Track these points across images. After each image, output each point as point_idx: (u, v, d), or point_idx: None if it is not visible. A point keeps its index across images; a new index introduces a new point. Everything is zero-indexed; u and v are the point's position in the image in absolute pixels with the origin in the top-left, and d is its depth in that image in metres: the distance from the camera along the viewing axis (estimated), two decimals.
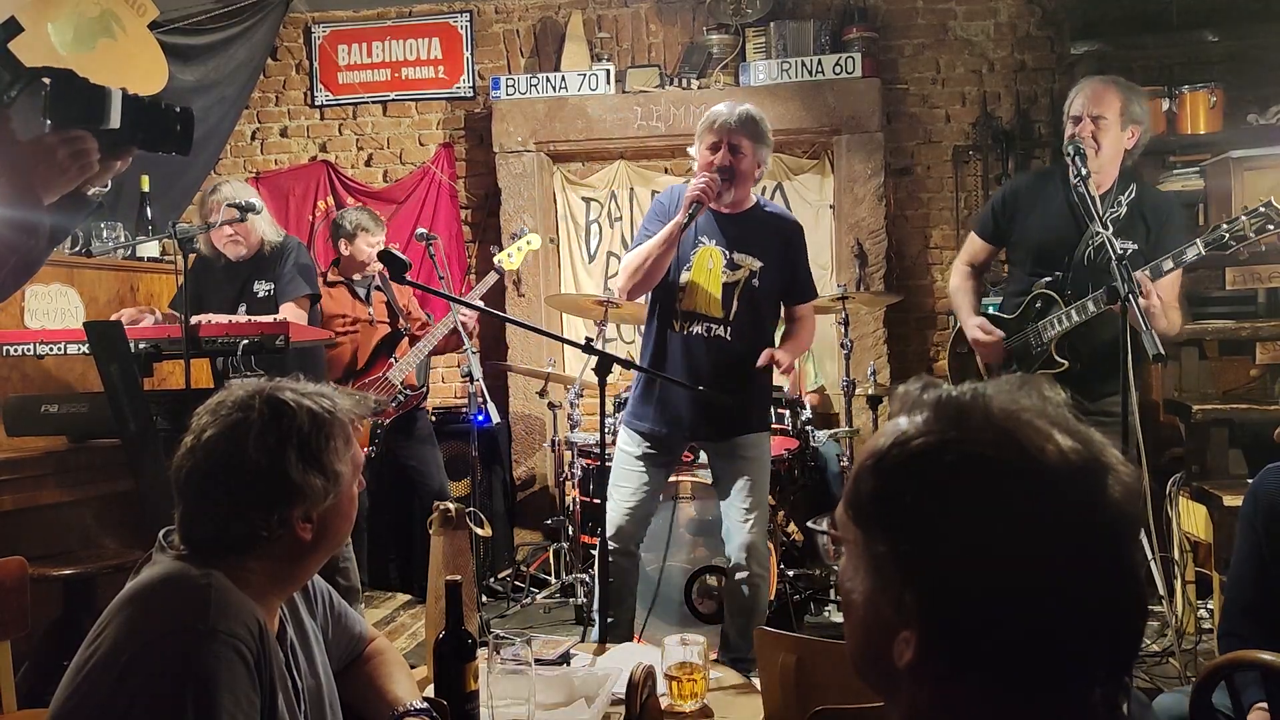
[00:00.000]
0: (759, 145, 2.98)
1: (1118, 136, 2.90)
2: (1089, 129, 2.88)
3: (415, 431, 4.36)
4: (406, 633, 4.22)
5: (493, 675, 1.79)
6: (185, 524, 1.40)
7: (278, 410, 1.40)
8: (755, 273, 3.03)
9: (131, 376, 2.93)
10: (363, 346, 4.28)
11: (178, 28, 4.90)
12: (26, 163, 1.43)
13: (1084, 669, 0.77)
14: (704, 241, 3.04)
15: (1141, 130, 2.93)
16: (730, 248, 3.04)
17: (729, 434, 3.09)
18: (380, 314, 4.37)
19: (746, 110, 2.97)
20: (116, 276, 4.00)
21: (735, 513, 3.09)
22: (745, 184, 3.03)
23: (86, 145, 1.46)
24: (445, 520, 2.16)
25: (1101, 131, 2.87)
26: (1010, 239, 3.15)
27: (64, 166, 1.45)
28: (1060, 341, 2.97)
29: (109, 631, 1.29)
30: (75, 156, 1.45)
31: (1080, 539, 0.76)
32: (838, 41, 5.14)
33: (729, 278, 3.03)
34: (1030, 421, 0.78)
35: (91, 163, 1.47)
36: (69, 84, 1.46)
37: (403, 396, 4.22)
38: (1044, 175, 3.16)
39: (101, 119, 1.47)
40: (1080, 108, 2.92)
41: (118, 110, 1.48)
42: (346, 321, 4.31)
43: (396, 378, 4.21)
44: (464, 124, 5.59)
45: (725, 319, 3.03)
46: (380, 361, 4.25)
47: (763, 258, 3.04)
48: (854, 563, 0.84)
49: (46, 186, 1.45)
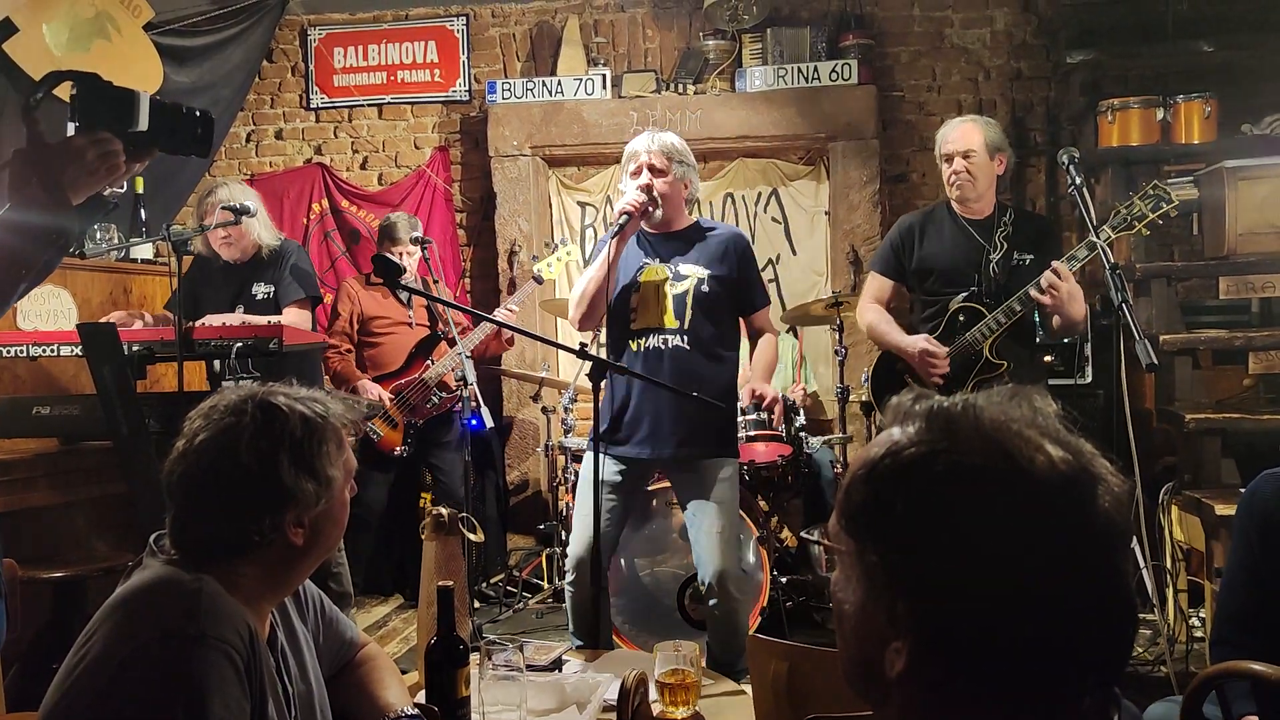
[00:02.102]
0: (681, 166, 3.05)
1: (988, 165, 3.23)
2: (963, 164, 3.21)
3: (447, 437, 4.45)
4: (398, 637, 4.21)
5: (484, 681, 1.79)
6: (176, 528, 1.39)
7: (270, 415, 1.40)
8: (703, 279, 3.05)
9: (124, 379, 2.92)
10: (401, 348, 4.38)
11: (173, 29, 4.90)
12: (57, 164, 1.44)
13: (1074, 678, 0.77)
14: (647, 262, 3.10)
15: (1008, 157, 3.31)
16: (673, 260, 3.09)
17: (697, 457, 3.04)
18: (420, 317, 4.47)
19: (665, 136, 3.07)
20: (109, 278, 4.00)
21: (706, 540, 3.01)
22: (673, 203, 3.06)
23: (114, 146, 1.48)
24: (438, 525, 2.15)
25: (973, 164, 3.21)
26: (910, 270, 3.38)
27: (93, 168, 1.46)
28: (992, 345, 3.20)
29: (99, 636, 1.28)
30: (104, 158, 1.47)
31: (1070, 549, 0.76)
32: (834, 48, 5.16)
33: (678, 288, 3.06)
34: (1020, 432, 0.79)
35: (119, 164, 1.49)
36: (96, 87, 1.48)
37: (438, 398, 4.30)
38: (928, 211, 3.41)
39: (130, 121, 1.49)
40: (950, 148, 3.24)
41: (146, 112, 1.50)
42: (387, 323, 4.42)
43: (432, 379, 4.29)
44: (460, 128, 5.59)
45: (681, 329, 3.04)
46: (417, 363, 4.34)
47: (708, 265, 3.07)
48: (846, 572, 0.84)
49: (76, 187, 1.47)
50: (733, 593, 3.02)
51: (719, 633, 3.08)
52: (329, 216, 5.57)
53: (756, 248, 5.29)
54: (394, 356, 4.38)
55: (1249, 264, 3.85)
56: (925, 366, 3.20)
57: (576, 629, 3.14)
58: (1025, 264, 3.17)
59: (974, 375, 3.18)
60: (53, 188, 1.44)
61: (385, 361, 4.39)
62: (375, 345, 4.42)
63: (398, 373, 4.34)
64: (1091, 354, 4.41)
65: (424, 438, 4.39)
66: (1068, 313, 3.01)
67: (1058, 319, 3.07)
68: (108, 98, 1.48)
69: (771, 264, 5.35)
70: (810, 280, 5.35)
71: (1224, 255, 3.89)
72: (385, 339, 4.42)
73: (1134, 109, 4.44)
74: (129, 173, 1.53)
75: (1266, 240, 3.84)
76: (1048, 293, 2.98)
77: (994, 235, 3.22)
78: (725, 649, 3.06)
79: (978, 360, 3.19)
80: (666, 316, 3.05)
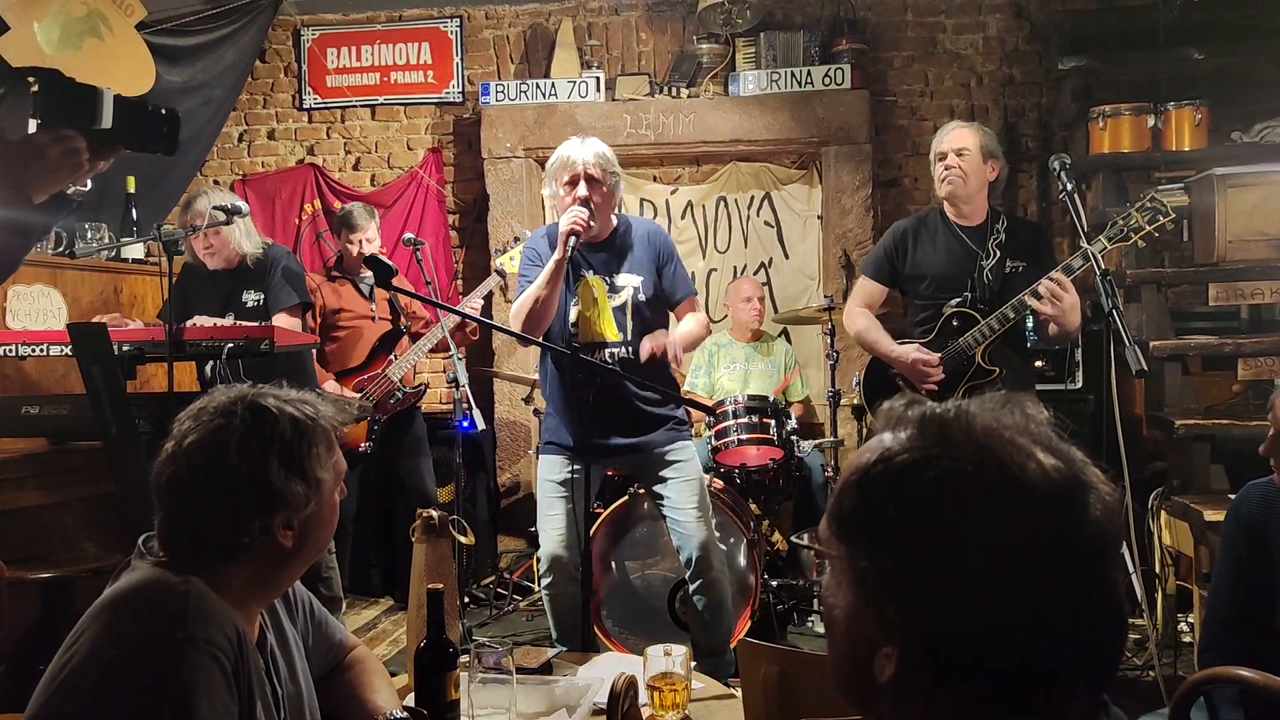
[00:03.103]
0: (614, 176, 3.06)
1: (980, 167, 3.25)
2: (956, 161, 3.23)
3: (409, 433, 4.37)
4: (388, 639, 4.20)
5: (474, 684, 1.79)
6: (165, 530, 1.39)
7: (260, 416, 1.39)
8: (637, 288, 3.10)
9: (114, 379, 2.91)
10: (364, 342, 4.31)
11: (165, 29, 4.87)
12: (18, 161, 1.42)
13: (1063, 685, 0.77)
14: (585, 274, 3.12)
15: (1000, 166, 3.30)
16: (608, 272, 3.11)
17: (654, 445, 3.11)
18: (383, 311, 4.39)
19: (594, 144, 3.06)
20: (100, 278, 3.98)
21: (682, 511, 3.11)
22: (605, 213, 3.08)
23: (78, 144, 1.45)
24: (428, 528, 2.15)
25: (966, 162, 3.22)
26: (903, 276, 3.39)
27: (55, 165, 1.44)
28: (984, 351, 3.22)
29: (86, 637, 1.27)
30: (67, 155, 1.45)
31: (1061, 556, 0.76)
32: (827, 53, 5.17)
33: (616, 300, 3.10)
34: (1013, 439, 0.79)
35: (82, 162, 1.47)
36: (59, 84, 1.46)
37: (401, 394, 4.25)
38: (921, 217, 3.42)
39: (93, 118, 1.46)
40: (945, 146, 3.26)
41: (109, 110, 1.47)
42: (349, 317, 4.34)
43: (396, 375, 4.23)
44: (453, 129, 5.58)
45: (625, 340, 3.09)
46: (380, 358, 4.28)
47: (639, 272, 3.11)
48: (837, 578, 0.84)
49: (38, 185, 1.45)
50: (714, 564, 3.10)
51: (703, 615, 3.14)
52: (321, 217, 5.55)
53: (749, 252, 5.37)
54: (357, 351, 4.30)
55: (1238, 271, 3.87)
56: (920, 376, 3.22)
57: (560, 633, 3.15)
58: (1018, 271, 3.21)
59: (966, 381, 3.21)
60: (13, 185, 1.42)
61: (348, 356, 4.30)
62: (337, 340, 4.32)
63: (360, 368, 4.25)
64: (1082, 359, 4.43)
65: (386, 436, 4.26)
66: (1066, 321, 3.04)
67: (1054, 327, 3.09)
68: (71, 95, 1.46)
69: (764, 267, 5.35)
70: (802, 284, 5.36)
71: (1214, 262, 3.91)
72: (347, 333, 4.32)
73: (1125, 116, 4.46)
74: (93, 170, 1.50)
75: (1256, 247, 3.86)
76: (1049, 302, 3.00)
77: (987, 242, 3.25)
78: (710, 633, 3.13)
79: (970, 366, 3.21)
80: (610, 330, 3.09)
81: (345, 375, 4.24)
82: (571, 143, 3.06)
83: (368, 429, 4.18)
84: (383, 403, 4.22)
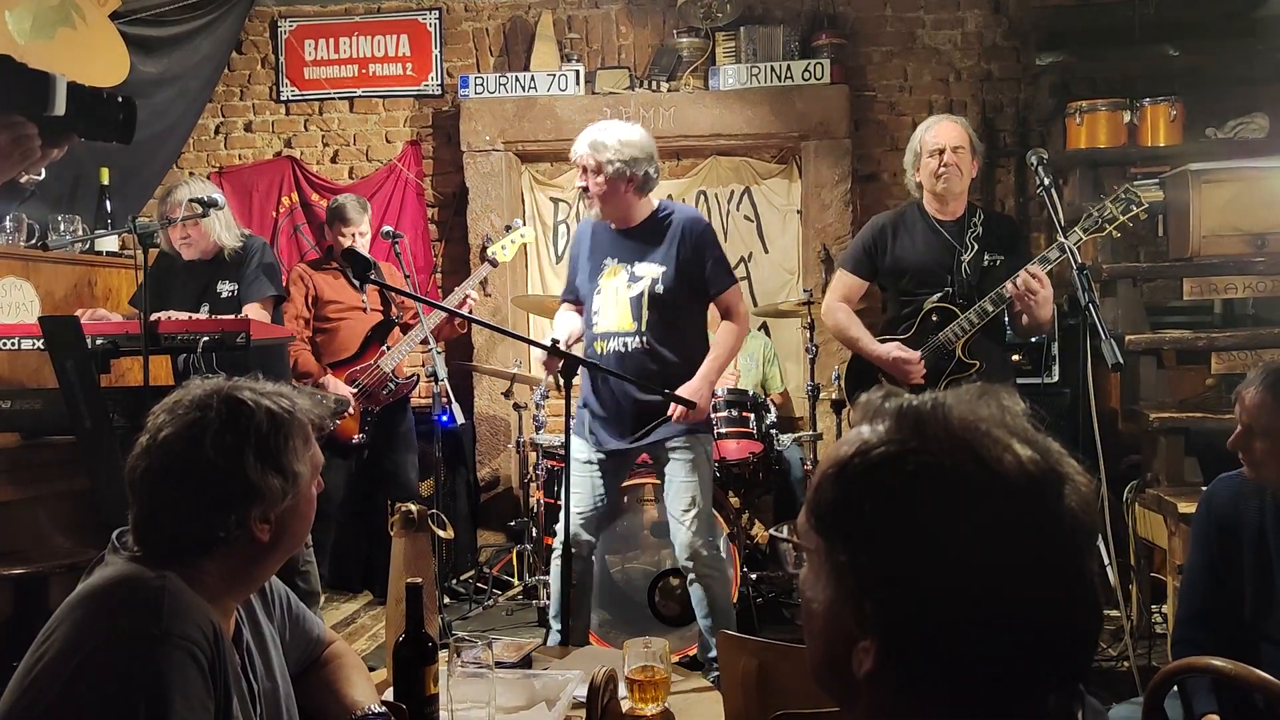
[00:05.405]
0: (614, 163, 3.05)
1: (970, 164, 3.28)
2: (953, 158, 3.22)
3: (398, 427, 4.37)
4: (367, 634, 4.18)
5: (453, 678, 1.78)
6: (140, 524, 1.37)
7: (236, 410, 1.38)
8: (657, 279, 3.10)
9: (88, 372, 2.88)
10: (355, 333, 4.29)
11: (140, 18, 4.81)
12: None
13: (1039, 677, 0.78)
14: (609, 262, 3.15)
15: (979, 161, 3.34)
16: (631, 260, 3.13)
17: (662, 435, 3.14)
18: (374, 301, 4.39)
19: (594, 134, 3.08)
20: (74, 270, 3.93)
21: (674, 512, 3.16)
22: (616, 201, 3.09)
23: (29, 130, 1.40)
24: (407, 522, 2.14)
25: (961, 160, 3.23)
26: (882, 270, 3.39)
27: (6, 152, 1.40)
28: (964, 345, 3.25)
29: (59, 633, 1.26)
30: (17, 142, 1.40)
31: (1036, 548, 0.76)
32: (807, 47, 5.17)
33: (633, 290, 3.11)
34: (989, 431, 0.79)
35: (34, 149, 1.42)
36: (9, 69, 1.40)
37: (393, 385, 4.24)
38: (899, 212, 3.43)
39: (45, 105, 1.41)
40: (940, 142, 3.24)
41: (63, 96, 1.42)
42: (341, 308, 4.33)
43: (388, 366, 4.22)
44: (432, 122, 5.55)
45: (638, 330, 3.10)
46: (372, 349, 4.26)
47: (663, 263, 3.10)
48: (815, 571, 0.84)
49: None
50: (704, 566, 3.13)
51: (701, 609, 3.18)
52: (299, 210, 5.51)
53: (729, 246, 5.35)
54: (348, 343, 4.29)
55: (1212, 265, 3.90)
56: (902, 375, 3.23)
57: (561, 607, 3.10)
58: (996, 265, 3.23)
59: (946, 375, 3.22)
60: None
61: (339, 348, 4.29)
62: (329, 331, 4.31)
63: (352, 359, 4.24)
64: (1058, 353, 4.46)
65: (375, 428, 4.26)
66: (1038, 315, 3.07)
67: (1026, 319, 3.12)
68: (22, 80, 1.41)
69: (744, 262, 5.36)
70: (782, 278, 5.37)
71: (1188, 257, 3.94)
72: (339, 324, 4.32)
73: (1102, 111, 4.50)
74: (45, 159, 1.46)
75: (1229, 242, 3.89)
76: (1024, 296, 3.02)
77: (965, 236, 3.27)
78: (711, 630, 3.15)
79: (950, 360, 3.23)
80: (624, 320, 3.11)
81: (338, 366, 4.24)
82: (582, 133, 3.12)
83: (360, 420, 4.18)
84: (375, 393, 4.22)
